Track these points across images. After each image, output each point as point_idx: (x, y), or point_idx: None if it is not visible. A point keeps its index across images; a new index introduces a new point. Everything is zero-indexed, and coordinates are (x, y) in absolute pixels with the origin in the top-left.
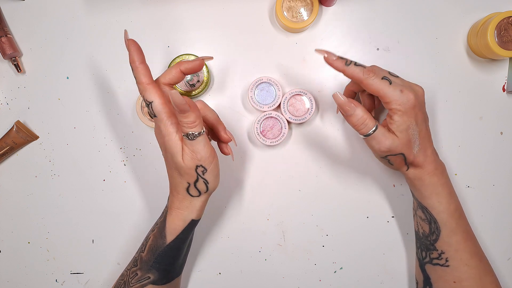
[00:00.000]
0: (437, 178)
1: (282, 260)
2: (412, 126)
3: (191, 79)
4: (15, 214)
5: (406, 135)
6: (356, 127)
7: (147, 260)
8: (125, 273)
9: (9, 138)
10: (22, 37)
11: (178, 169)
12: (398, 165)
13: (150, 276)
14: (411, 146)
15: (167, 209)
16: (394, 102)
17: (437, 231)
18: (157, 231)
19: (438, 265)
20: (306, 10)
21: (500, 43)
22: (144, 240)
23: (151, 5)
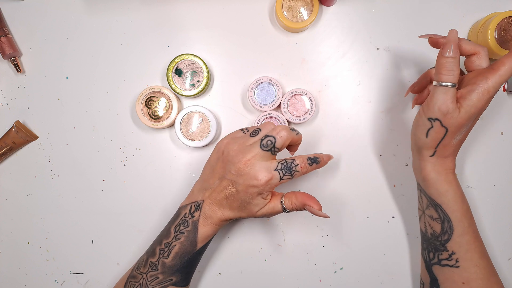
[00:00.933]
0: (454, 177)
1: (282, 260)
2: (476, 115)
3: (191, 79)
4: (15, 214)
5: (466, 116)
6: (439, 69)
7: (172, 265)
8: (139, 276)
9: (9, 138)
10: (22, 37)
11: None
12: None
13: (172, 279)
14: (459, 131)
15: (194, 218)
16: (487, 85)
17: (449, 231)
18: (186, 240)
19: (447, 266)
20: (306, 10)
21: (500, 43)
22: (158, 245)
23: (151, 5)
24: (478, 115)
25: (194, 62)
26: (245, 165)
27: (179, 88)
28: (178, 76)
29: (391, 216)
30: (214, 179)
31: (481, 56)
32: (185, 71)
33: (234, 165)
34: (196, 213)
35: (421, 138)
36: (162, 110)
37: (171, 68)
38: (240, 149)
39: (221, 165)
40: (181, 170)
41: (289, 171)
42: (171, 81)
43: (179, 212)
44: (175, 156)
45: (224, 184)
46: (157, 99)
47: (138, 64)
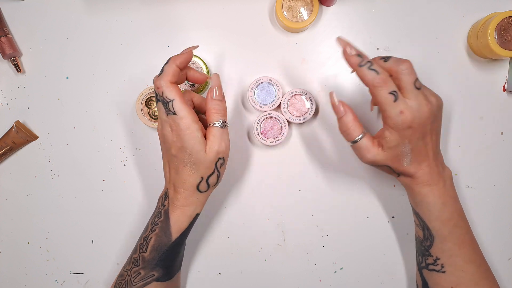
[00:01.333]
0: (430, 189)
1: (282, 260)
2: (403, 144)
3: None
4: (15, 214)
5: (394, 151)
6: (341, 132)
7: (151, 259)
8: (125, 273)
9: (9, 138)
10: (22, 37)
11: (196, 164)
12: (386, 172)
13: (154, 274)
14: (400, 160)
15: (165, 208)
16: (390, 120)
17: (430, 238)
18: (160, 230)
19: (434, 270)
20: (306, 10)
21: (500, 43)
22: (139, 241)
23: (151, 5)
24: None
25: (194, 62)
26: (160, 133)
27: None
28: None
29: (391, 216)
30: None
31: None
32: None
33: (160, 139)
34: (166, 202)
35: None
36: None
37: None
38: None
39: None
40: None
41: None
42: None
43: (157, 205)
44: None
45: (165, 161)
46: None
47: (138, 64)
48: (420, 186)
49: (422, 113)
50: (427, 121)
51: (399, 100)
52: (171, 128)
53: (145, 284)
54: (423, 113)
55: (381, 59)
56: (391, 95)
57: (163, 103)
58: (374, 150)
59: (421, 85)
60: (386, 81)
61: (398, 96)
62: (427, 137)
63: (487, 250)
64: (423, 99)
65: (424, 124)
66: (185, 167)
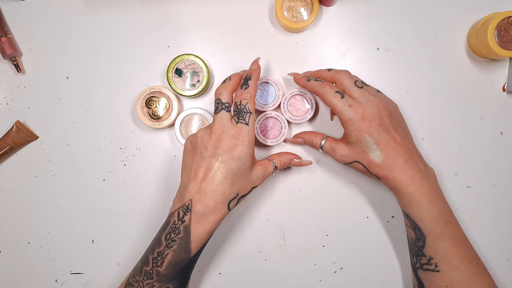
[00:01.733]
0: (415, 188)
1: (282, 260)
2: (363, 138)
3: (191, 79)
4: (15, 214)
5: (358, 146)
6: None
7: (167, 274)
8: (135, 284)
9: (9, 138)
10: (22, 37)
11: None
12: (364, 173)
13: (169, 286)
14: (366, 154)
15: (184, 223)
16: (342, 116)
17: (422, 238)
18: (178, 247)
19: (428, 270)
20: (306, 10)
21: (500, 43)
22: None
23: (151, 5)
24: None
25: (194, 62)
26: (214, 135)
27: (179, 88)
28: (178, 76)
29: (391, 216)
30: (191, 172)
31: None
32: (185, 71)
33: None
34: (186, 217)
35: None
36: (162, 110)
37: (171, 68)
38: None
39: (191, 155)
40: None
41: (241, 112)
42: (171, 81)
43: (169, 220)
44: (175, 156)
45: (205, 165)
46: (157, 99)
47: (138, 64)
48: (406, 186)
49: (371, 104)
50: (381, 113)
51: (346, 97)
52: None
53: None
54: (373, 105)
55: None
56: (337, 94)
57: (238, 112)
58: (338, 147)
59: (363, 85)
60: (330, 84)
61: (345, 95)
62: (391, 131)
63: (486, 250)
64: (369, 94)
65: (379, 116)
66: (229, 178)
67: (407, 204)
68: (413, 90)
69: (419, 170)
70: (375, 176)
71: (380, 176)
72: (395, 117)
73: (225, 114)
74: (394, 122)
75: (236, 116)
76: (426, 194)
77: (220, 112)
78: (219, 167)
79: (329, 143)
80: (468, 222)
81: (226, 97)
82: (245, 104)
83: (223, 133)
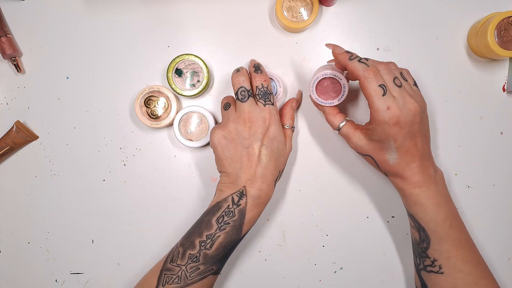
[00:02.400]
0: (421, 190)
1: (282, 260)
2: (387, 140)
3: (191, 79)
4: (15, 214)
5: (377, 144)
6: (328, 122)
7: (215, 255)
8: (177, 268)
9: (9, 138)
10: (22, 37)
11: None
12: (373, 166)
13: (213, 268)
14: (383, 154)
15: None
16: (376, 114)
17: (427, 239)
18: (231, 229)
19: (432, 272)
20: (306, 10)
21: (500, 43)
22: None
23: (151, 5)
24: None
25: (194, 62)
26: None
27: (179, 88)
28: (178, 76)
29: (391, 216)
30: (237, 163)
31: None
32: (185, 71)
33: (244, 133)
34: (242, 201)
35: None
36: (161, 110)
37: (171, 68)
38: (233, 119)
39: (232, 148)
40: (181, 170)
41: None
42: (171, 81)
43: (220, 205)
44: (175, 156)
45: (250, 153)
46: (156, 99)
47: (138, 64)
48: (412, 188)
49: (408, 109)
50: (414, 119)
51: (387, 95)
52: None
53: (202, 278)
54: (409, 109)
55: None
56: (380, 88)
57: (263, 95)
58: (357, 135)
59: (401, 84)
60: (376, 73)
61: (387, 91)
62: (416, 138)
63: (487, 250)
64: (408, 96)
65: (411, 123)
66: (272, 159)
67: (412, 205)
68: None
69: (428, 174)
70: (384, 173)
71: (389, 175)
72: (423, 121)
73: (252, 101)
74: (422, 128)
75: (262, 99)
76: (432, 198)
77: (248, 100)
78: (262, 151)
79: (347, 128)
80: (468, 222)
81: (248, 85)
82: (266, 86)
83: (256, 119)
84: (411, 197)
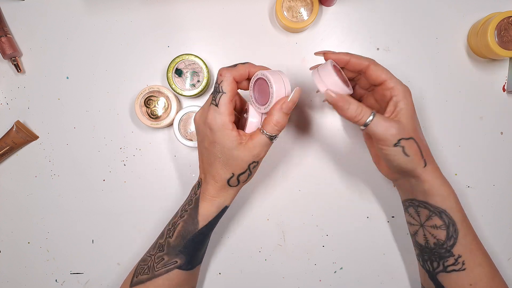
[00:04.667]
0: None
1: (282, 260)
2: (415, 115)
3: (191, 79)
4: (15, 214)
5: (412, 121)
6: (353, 119)
7: (175, 245)
8: (148, 258)
9: (9, 138)
10: (22, 37)
11: (228, 160)
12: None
13: (177, 261)
14: (419, 134)
15: (196, 196)
16: (397, 89)
17: (455, 234)
18: (188, 217)
19: (454, 271)
20: (306, 10)
21: (500, 43)
22: (167, 226)
23: (151, 5)
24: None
25: (194, 62)
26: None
27: (179, 88)
28: (178, 76)
29: (391, 216)
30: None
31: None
32: (185, 71)
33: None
34: (198, 191)
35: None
36: (161, 110)
37: (171, 68)
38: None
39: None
40: (181, 170)
41: (216, 92)
42: (171, 81)
43: (189, 193)
44: (175, 156)
45: (200, 152)
46: (156, 99)
47: (138, 64)
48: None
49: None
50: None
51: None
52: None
53: (167, 270)
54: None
55: None
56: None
57: (214, 92)
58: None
59: None
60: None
61: None
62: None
63: (487, 250)
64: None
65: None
66: (217, 161)
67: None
68: (413, 90)
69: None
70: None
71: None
72: None
73: (209, 97)
74: None
75: (212, 94)
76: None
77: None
78: (205, 152)
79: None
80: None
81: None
82: (219, 83)
83: (199, 117)
84: (443, 186)
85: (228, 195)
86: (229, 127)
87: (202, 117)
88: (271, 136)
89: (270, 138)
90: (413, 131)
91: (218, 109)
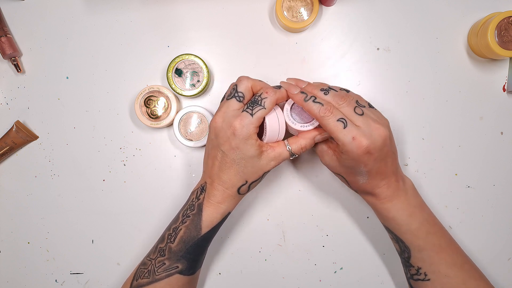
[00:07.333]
0: (391, 204)
1: (282, 260)
2: (358, 166)
3: (191, 79)
4: (15, 214)
5: (347, 169)
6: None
7: (177, 250)
8: (148, 262)
9: (9, 138)
10: (22, 37)
11: (246, 168)
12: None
13: (178, 266)
14: (354, 176)
15: (199, 201)
16: (344, 147)
17: (407, 250)
18: (191, 223)
19: (419, 280)
20: (306, 10)
21: (500, 43)
22: (168, 230)
23: (151, 5)
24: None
25: (194, 62)
26: (218, 124)
27: (179, 88)
28: (178, 76)
29: None
30: (208, 159)
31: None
32: (185, 71)
33: (211, 134)
34: (202, 196)
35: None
36: (161, 110)
37: (171, 68)
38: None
39: (209, 143)
40: (181, 170)
41: (255, 103)
42: (171, 81)
43: (188, 198)
44: (175, 156)
45: (213, 155)
46: (156, 99)
47: (138, 64)
48: (382, 203)
49: (377, 136)
50: (384, 143)
51: (350, 127)
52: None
53: (168, 275)
54: (378, 135)
55: (321, 91)
56: (340, 122)
57: (252, 102)
58: (329, 155)
59: (363, 111)
60: (331, 110)
61: (347, 123)
62: (387, 159)
63: (486, 250)
64: (372, 123)
65: (381, 148)
66: (233, 167)
67: (385, 219)
68: (413, 90)
69: (397, 187)
70: (354, 191)
71: (359, 193)
72: (391, 141)
73: (232, 102)
74: (391, 148)
75: (249, 106)
76: (403, 209)
77: (231, 99)
78: (222, 157)
79: (321, 145)
80: (468, 222)
81: (246, 91)
82: (263, 97)
83: (223, 121)
84: (383, 211)
85: (234, 202)
86: (255, 137)
87: (226, 122)
88: (292, 154)
89: (292, 155)
90: (344, 172)
91: (252, 119)
